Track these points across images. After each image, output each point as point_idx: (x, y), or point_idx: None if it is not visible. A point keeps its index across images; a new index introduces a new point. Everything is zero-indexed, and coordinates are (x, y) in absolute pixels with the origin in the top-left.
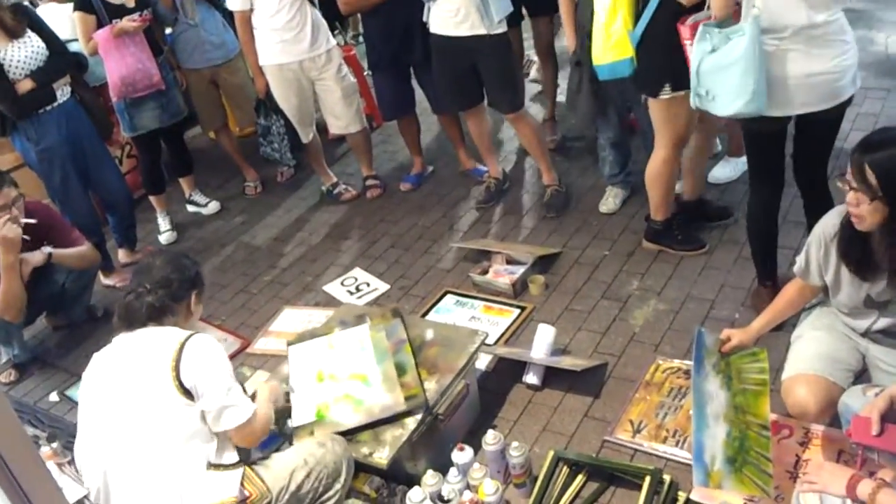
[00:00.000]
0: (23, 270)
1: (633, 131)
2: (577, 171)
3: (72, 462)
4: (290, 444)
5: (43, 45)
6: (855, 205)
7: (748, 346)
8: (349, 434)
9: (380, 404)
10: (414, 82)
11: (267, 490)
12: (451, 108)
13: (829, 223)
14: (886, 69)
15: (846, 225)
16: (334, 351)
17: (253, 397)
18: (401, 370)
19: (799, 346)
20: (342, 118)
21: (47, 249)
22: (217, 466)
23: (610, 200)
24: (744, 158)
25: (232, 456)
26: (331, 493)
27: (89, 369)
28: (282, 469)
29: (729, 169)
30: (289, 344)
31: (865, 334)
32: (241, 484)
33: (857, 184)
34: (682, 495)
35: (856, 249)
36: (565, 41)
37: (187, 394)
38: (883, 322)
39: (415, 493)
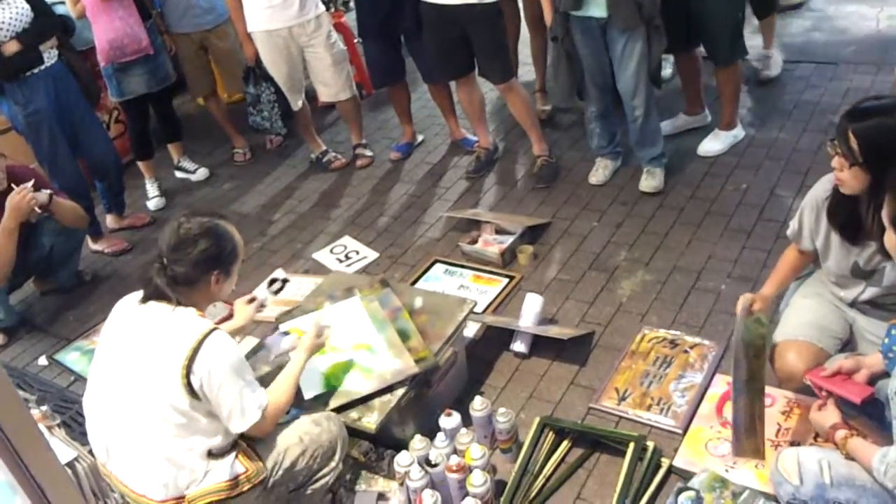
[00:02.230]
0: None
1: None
2: (567, 142)
3: (61, 425)
4: None
5: (27, 6)
6: (839, 169)
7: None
8: (364, 401)
9: (391, 370)
10: (405, 52)
11: (263, 466)
12: (442, 78)
13: (822, 188)
14: (877, 44)
15: (837, 188)
16: (330, 324)
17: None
18: (404, 336)
19: (788, 313)
20: (332, 86)
21: (47, 191)
22: (216, 455)
23: (599, 172)
24: (734, 132)
25: (230, 443)
26: (325, 470)
27: (109, 322)
28: (277, 445)
29: (719, 142)
30: (278, 321)
31: (853, 304)
32: (236, 458)
33: (840, 149)
34: (665, 461)
35: (844, 213)
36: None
37: (194, 395)
38: (869, 292)
39: (403, 457)
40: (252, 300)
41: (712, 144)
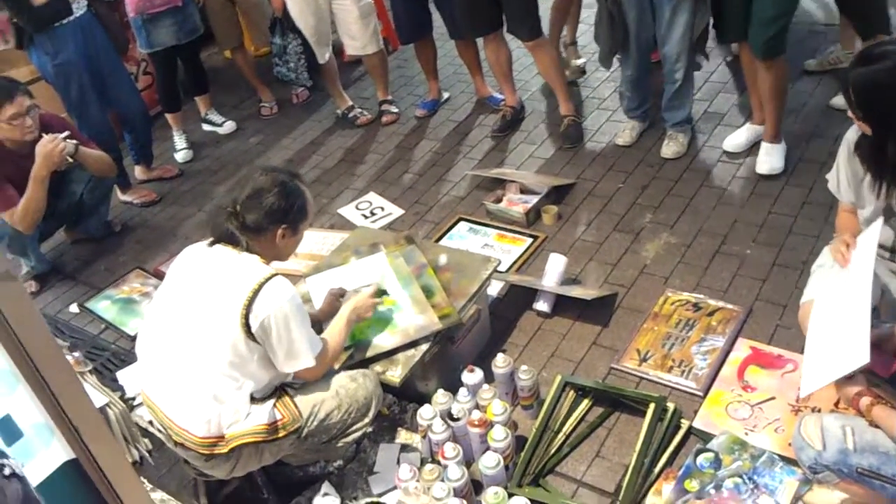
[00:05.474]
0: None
1: (657, 64)
2: (594, 102)
3: (93, 372)
4: None
5: None
6: (850, 111)
7: None
8: (389, 356)
9: (414, 325)
10: (432, 7)
11: (299, 415)
12: (469, 34)
13: (853, 128)
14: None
15: None
16: (356, 279)
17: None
18: (428, 293)
19: (820, 273)
20: (358, 39)
21: (73, 141)
22: (257, 400)
23: (626, 133)
24: (782, 144)
25: (272, 390)
26: (358, 425)
27: (175, 263)
28: (313, 397)
29: (778, 157)
30: (305, 277)
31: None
32: (274, 406)
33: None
34: (684, 423)
35: (867, 147)
36: None
37: (251, 336)
38: None
39: (425, 411)
40: (342, 295)
41: (773, 160)
